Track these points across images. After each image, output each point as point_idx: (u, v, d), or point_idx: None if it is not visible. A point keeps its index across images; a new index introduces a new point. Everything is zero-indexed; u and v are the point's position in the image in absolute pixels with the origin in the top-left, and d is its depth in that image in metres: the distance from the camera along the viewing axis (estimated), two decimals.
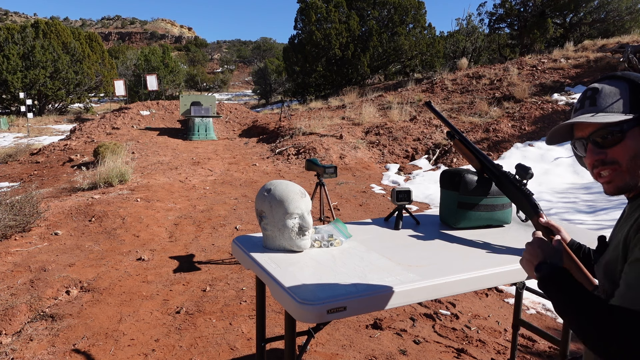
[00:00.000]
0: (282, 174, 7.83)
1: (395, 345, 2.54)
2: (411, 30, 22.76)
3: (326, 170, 3.57)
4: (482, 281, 1.32)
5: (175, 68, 32.49)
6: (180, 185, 6.81)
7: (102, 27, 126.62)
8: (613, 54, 11.64)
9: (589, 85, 1.00)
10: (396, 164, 8.32)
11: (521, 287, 2.14)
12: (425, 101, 1.87)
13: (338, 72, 22.24)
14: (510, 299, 3.19)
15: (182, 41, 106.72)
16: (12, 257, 3.87)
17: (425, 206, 5.79)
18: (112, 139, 10.77)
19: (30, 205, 4.67)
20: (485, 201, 1.72)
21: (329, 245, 1.54)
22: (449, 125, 1.72)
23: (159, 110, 14.90)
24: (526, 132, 8.36)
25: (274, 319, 2.83)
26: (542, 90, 10.38)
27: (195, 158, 9.36)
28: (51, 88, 25.39)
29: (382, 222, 1.87)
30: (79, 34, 32.70)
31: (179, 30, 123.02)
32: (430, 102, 1.81)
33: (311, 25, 21.62)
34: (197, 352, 2.48)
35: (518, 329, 2.20)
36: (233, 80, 59.15)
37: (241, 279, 3.47)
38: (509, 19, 21.55)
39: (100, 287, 3.31)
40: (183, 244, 4.29)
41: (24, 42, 25.27)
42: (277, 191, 1.46)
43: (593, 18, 20.10)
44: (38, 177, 8.06)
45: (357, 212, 5.45)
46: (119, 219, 4.92)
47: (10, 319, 2.82)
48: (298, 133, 10.55)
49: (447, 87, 12.76)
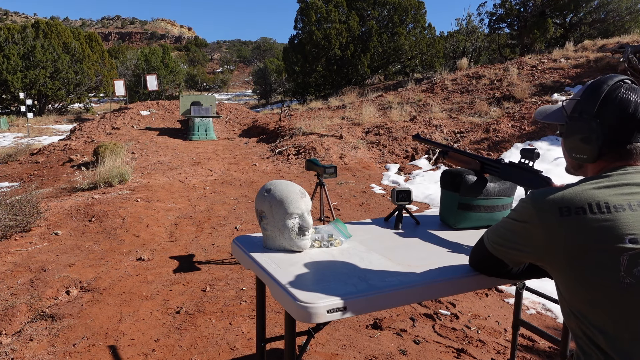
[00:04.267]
0: (282, 174, 7.83)
1: (395, 345, 2.54)
2: (411, 30, 22.76)
3: (326, 170, 3.57)
4: (483, 281, 1.32)
5: (175, 68, 32.50)
6: (180, 185, 6.81)
7: (102, 27, 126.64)
8: (613, 54, 11.64)
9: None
10: (396, 164, 8.31)
11: (521, 287, 2.14)
12: (412, 135, 1.95)
13: (338, 72, 22.24)
14: (510, 299, 3.19)
15: (182, 41, 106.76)
16: (12, 257, 3.87)
17: (425, 206, 5.79)
18: (112, 139, 10.77)
19: (30, 205, 4.67)
20: (485, 202, 1.72)
21: (329, 245, 1.54)
22: (440, 146, 1.80)
23: (159, 110, 14.90)
24: (526, 132, 8.36)
25: (274, 319, 2.83)
26: (542, 90, 10.38)
27: (195, 158, 9.36)
28: (51, 88, 25.39)
29: (382, 222, 1.87)
30: (79, 34, 32.72)
31: (179, 30, 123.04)
32: (419, 134, 1.88)
33: (311, 25, 21.62)
34: (197, 352, 2.48)
35: (518, 329, 2.20)
36: (233, 80, 59.15)
37: (241, 279, 3.47)
38: (509, 19, 21.55)
39: (100, 287, 3.31)
40: (183, 244, 4.29)
41: (24, 42, 25.27)
42: (277, 191, 1.46)
43: (593, 18, 20.10)
44: (38, 177, 8.06)
45: (357, 212, 5.45)
46: (119, 219, 4.92)
47: (10, 319, 2.82)
48: (298, 133, 10.55)
49: (447, 87, 12.76)
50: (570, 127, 1.10)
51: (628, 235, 0.90)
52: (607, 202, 0.94)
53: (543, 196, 1.01)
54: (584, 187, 0.98)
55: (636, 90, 1.03)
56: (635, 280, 0.89)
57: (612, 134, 1.02)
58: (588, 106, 1.05)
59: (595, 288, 0.93)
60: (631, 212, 0.92)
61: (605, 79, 1.06)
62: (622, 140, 1.02)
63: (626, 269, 0.89)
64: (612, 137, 1.02)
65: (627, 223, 0.91)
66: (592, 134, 1.03)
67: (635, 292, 0.89)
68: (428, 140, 1.91)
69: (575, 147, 1.08)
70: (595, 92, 1.05)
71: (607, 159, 1.05)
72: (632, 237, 0.90)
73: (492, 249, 1.16)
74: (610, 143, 1.03)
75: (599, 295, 0.93)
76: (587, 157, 1.06)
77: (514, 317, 2.20)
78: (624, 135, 1.02)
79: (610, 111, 1.02)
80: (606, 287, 0.92)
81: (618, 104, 1.01)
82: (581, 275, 0.95)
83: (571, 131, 1.09)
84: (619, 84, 1.04)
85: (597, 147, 1.03)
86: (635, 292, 0.89)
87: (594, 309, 0.95)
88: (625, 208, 0.92)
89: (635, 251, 0.89)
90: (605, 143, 1.03)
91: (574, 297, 0.99)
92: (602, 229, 0.92)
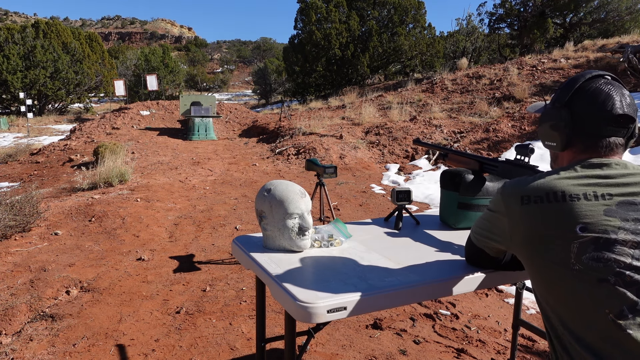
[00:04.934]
0: (282, 174, 7.83)
1: (395, 345, 2.54)
2: (411, 30, 22.77)
3: (326, 170, 3.57)
4: (483, 281, 1.32)
5: (175, 68, 32.49)
6: (180, 185, 6.81)
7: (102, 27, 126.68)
8: (613, 54, 11.64)
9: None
10: (396, 164, 8.31)
11: (521, 287, 2.14)
12: (413, 139, 1.98)
13: (338, 72, 22.24)
14: (510, 299, 3.19)
15: (182, 41, 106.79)
16: (12, 257, 3.87)
17: (425, 206, 5.79)
18: (112, 139, 10.77)
19: (30, 205, 4.67)
20: (485, 202, 1.72)
21: (329, 245, 1.54)
22: (439, 149, 1.85)
23: (159, 110, 14.91)
24: (526, 132, 8.36)
25: (274, 319, 2.83)
26: (542, 90, 10.38)
27: (195, 158, 9.37)
28: (51, 88, 25.39)
29: (382, 222, 1.87)
30: (79, 34, 32.73)
31: (179, 30, 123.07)
32: (419, 138, 1.92)
33: (311, 25, 21.62)
34: (197, 352, 2.48)
35: (518, 329, 2.20)
36: (233, 80, 59.15)
37: (241, 279, 3.47)
38: (509, 19, 21.56)
39: (100, 287, 3.31)
40: (183, 244, 4.29)
41: (24, 42, 25.27)
42: (277, 191, 1.46)
43: (593, 18, 20.11)
44: (38, 177, 8.06)
45: (357, 212, 5.45)
46: (118, 219, 4.92)
47: (10, 319, 2.82)
48: (298, 133, 10.55)
49: (447, 87, 12.76)
50: (543, 115, 1.14)
51: (579, 223, 0.93)
52: (564, 191, 0.97)
53: (511, 186, 1.06)
54: (548, 178, 1.02)
55: (613, 84, 1.04)
56: (584, 267, 0.92)
57: (580, 123, 1.04)
58: (562, 95, 1.08)
59: (549, 274, 0.98)
60: (585, 202, 0.95)
61: (585, 72, 1.08)
62: (590, 131, 1.04)
63: (576, 256, 0.93)
64: (580, 127, 1.04)
65: (580, 212, 0.94)
66: (561, 122, 1.06)
67: (582, 278, 0.93)
68: (428, 144, 1.96)
69: (546, 133, 1.12)
70: (571, 83, 1.08)
71: (575, 150, 1.07)
72: (582, 225, 0.93)
73: (475, 240, 1.23)
74: (579, 133, 1.05)
75: (552, 280, 0.97)
76: (555, 144, 1.09)
77: (514, 317, 2.19)
78: (592, 126, 1.03)
79: (580, 100, 1.04)
80: (558, 272, 0.96)
81: (590, 94, 1.03)
82: (538, 261, 1.00)
83: (543, 118, 1.13)
84: (597, 78, 1.06)
85: (564, 135, 1.06)
86: (582, 278, 0.93)
87: (549, 294, 1.00)
88: (580, 197, 0.96)
89: (585, 239, 0.93)
90: (574, 132, 1.05)
91: (534, 282, 1.04)
92: (555, 216, 0.96)
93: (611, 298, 0.90)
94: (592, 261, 0.92)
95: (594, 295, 0.91)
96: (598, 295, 0.91)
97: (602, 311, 0.91)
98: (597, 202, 0.95)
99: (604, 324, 0.91)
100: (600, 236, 0.92)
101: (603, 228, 0.92)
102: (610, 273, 0.90)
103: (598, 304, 0.91)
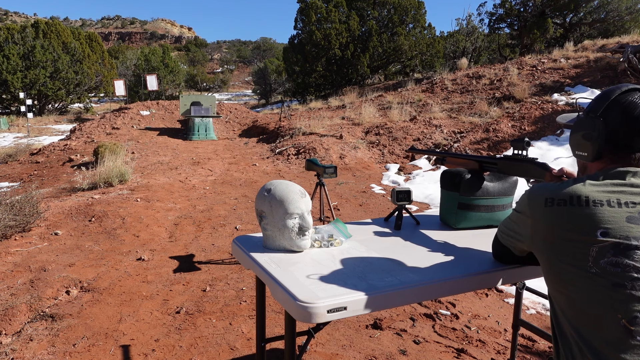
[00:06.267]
0: (282, 174, 7.83)
1: (395, 345, 2.54)
2: (411, 30, 22.76)
3: (326, 170, 3.57)
4: (483, 281, 1.32)
5: (175, 68, 32.50)
6: (180, 185, 6.81)
7: (102, 27, 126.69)
8: (613, 54, 11.64)
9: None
10: (396, 164, 8.31)
11: (521, 287, 2.14)
12: (408, 148, 2.00)
13: (338, 72, 22.24)
14: (510, 299, 3.19)
15: (182, 41, 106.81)
16: (12, 257, 3.87)
17: (425, 206, 5.79)
18: (112, 139, 10.77)
19: (30, 205, 4.67)
20: (485, 202, 1.72)
21: (329, 245, 1.54)
22: (436, 153, 1.88)
23: (159, 110, 14.91)
24: (526, 132, 8.36)
25: (274, 319, 2.83)
26: (542, 90, 10.39)
27: (195, 158, 9.36)
28: (51, 88, 25.39)
29: (382, 222, 1.87)
30: (79, 34, 32.73)
31: (179, 30, 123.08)
32: (414, 146, 1.95)
33: (311, 25, 21.62)
34: (197, 352, 2.48)
35: (518, 329, 2.20)
36: (233, 80, 59.15)
37: (241, 279, 3.47)
38: (509, 19, 21.54)
39: (100, 287, 3.31)
40: (183, 244, 4.29)
41: (24, 42, 25.27)
42: (277, 191, 1.46)
43: (593, 18, 20.11)
44: (38, 177, 8.06)
45: (357, 212, 5.45)
46: (119, 219, 4.92)
47: (10, 319, 2.82)
48: (298, 133, 10.55)
49: (447, 87, 12.77)
50: (576, 124, 1.14)
51: (600, 228, 0.95)
52: (588, 196, 0.99)
53: (537, 189, 1.10)
54: (574, 185, 1.03)
55: None
56: (601, 271, 0.94)
57: (614, 135, 1.05)
58: (597, 106, 1.09)
59: (564, 274, 1.00)
60: (609, 208, 0.96)
61: (620, 85, 1.09)
62: (622, 143, 1.04)
63: (594, 259, 0.95)
64: (613, 139, 1.05)
65: (602, 217, 0.96)
66: (594, 131, 1.06)
67: (598, 282, 0.94)
68: (423, 151, 1.98)
69: (578, 143, 1.12)
70: (606, 94, 1.09)
71: (605, 161, 1.08)
72: (603, 230, 0.95)
73: (501, 238, 1.28)
74: (611, 145, 1.05)
75: (567, 281, 0.99)
76: (586, 154, 1.10)
77: (514, 317, 2.19)
78: (625, 138, 1.04)
79: (615, 112, 1.05)
80: (573, 274, 0.97)
81: (624, 107, 1.04)
82: (555, 262, 1.02)
83: (576, 128, 1.13)
84: (633, 91, 1.06)
85: (597, 145, 1.06)
86: (598, 281, 0.94)
87: (561, 295, 1.02)
88: (604, 204, 0.97)
89: (604, 244, 0.94)
90: (607, 143, 1.05)
91: (548, 282, 1.06)
92: (577, 219, 0.98)
93: (625, 303, 0.91)
94: (610, 266, 0.93)
95: (607, 299, 0.93)
96: (612, 300, 0.92)
97: (614, 316, 0.92)
98: (620, 209, 0.96)
99: (614, 329, 0.91)
100: (621, 242, 0.93)
101: (624, 234, 0.94)
102: (627, 279, 0.92)
103: (611, 308, 0.92)
